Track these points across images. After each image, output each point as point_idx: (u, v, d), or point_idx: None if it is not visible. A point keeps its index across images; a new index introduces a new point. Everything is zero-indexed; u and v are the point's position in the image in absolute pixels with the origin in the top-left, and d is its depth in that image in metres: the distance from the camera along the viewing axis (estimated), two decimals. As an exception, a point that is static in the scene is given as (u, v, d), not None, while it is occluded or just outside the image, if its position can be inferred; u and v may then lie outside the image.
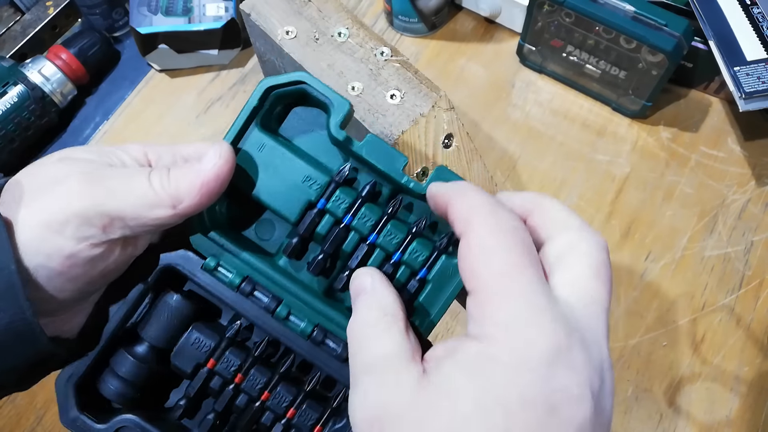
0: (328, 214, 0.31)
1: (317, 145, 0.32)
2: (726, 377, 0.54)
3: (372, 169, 0.31)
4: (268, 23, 0.45)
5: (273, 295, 0.31)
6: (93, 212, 0.26)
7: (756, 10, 0.59)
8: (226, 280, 0.31)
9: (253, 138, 0.31)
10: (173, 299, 0.31)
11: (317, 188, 0.31)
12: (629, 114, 0.65)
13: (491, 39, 0.71)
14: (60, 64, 0.66)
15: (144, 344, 0.31)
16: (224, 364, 0.31)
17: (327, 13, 0.45)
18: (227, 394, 0.31)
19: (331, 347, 0.31)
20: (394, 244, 0.30)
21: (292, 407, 0.31)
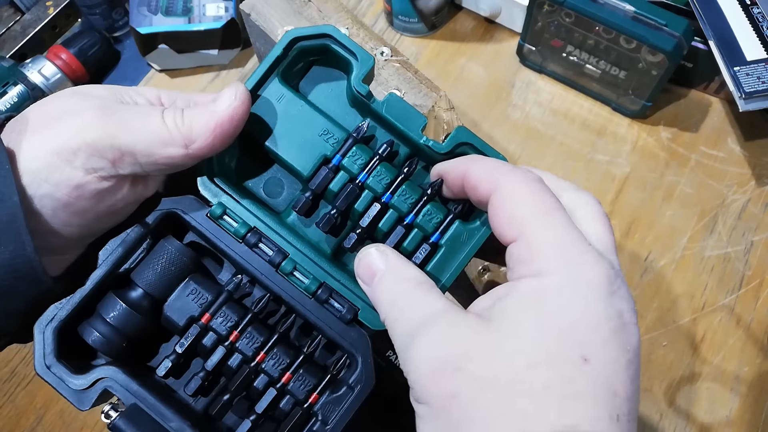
0: (343, 171, 0.30)
1: (335, 105, 0.32)
2: (726, 377, 0.54)
3: (390, 129, 0.30)
4: (268, 23, 0.45)
5: (279, 249, 0.30)
6: (104, 144, 0.25)
7: (756, 10, 0.59)
8: (231, 230, 0.30)
9: (272, 88, 0.30)
10: (173, 245, 0.29)
11: (334, 143, 0.30)
12: (629, 114, 0.65)
13: (491, 39, 0.71)
14: (60, 64, 0.66)
15: (137, 290, 0.29)
16: (220, 319, 0.29)
17: (327, 13, 0.45)
18: (220, 351, 0.29)
19: (336, 307, 0.30)
20: (408, 205, 0.30)
21: (288, 371, 0.29)
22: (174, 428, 0.28)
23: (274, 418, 0.30)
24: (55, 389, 0.28)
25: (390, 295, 0.25)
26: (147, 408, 0.28)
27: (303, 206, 0.30)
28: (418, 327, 0.23)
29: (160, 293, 0.29)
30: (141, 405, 0.28)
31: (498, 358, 0.21)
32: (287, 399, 0.29)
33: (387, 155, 0.30)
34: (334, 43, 0.30)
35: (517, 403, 0.20)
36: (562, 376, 0.20)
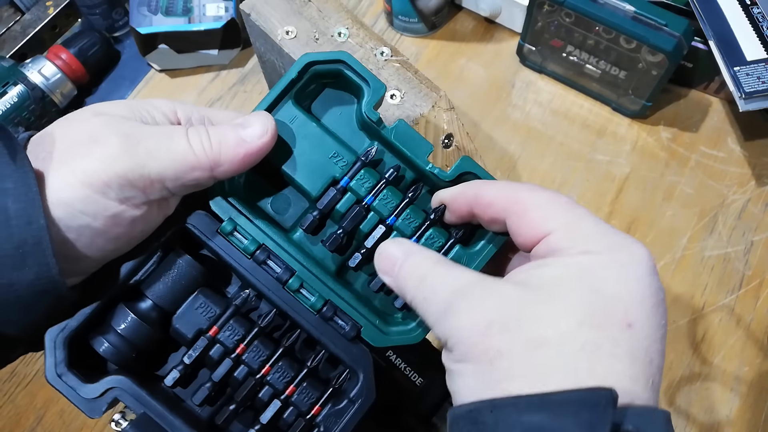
0: (350, 192, 0.31)
1: (345, 127, 0.33)
2: (726, 377, 0.54)
3: (397, 154, 0.32)
4: (268, 23, 0.45)
5: (286, 266, 0.31)
6: (135, 174, 0.26)
7: (756, 10, 0.59)
8: (241, 246, 0.30)
9: (285, 110, 0.31)
10: (183, 259, 0.30)
11: (343, 165, 0.31)
12: (629, 114, 0.65)
13: (491, 39, 0.71)
14: (60, 64, 0.66)
15: (147, 301, 0.30)
16: (227, 332, 0.30)
17: (327, 13, 0.45)
18: (227, 363, 0.30)
19: (340, 324, 0.31)
20: (411, 228, 0.31)
21: (292, 384, 0.30)
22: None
23: (278, 428, 0.31)
24: (66, 398, 0.28)
25: (417, 274, 0.26)
26: (156, 417, 0.28)
27: (310, 225, 0.31)
28: (453, 295, 0.24)
29: (169, 305, 0.30)
30: (150, 414, 0.28)
31: (546, 319, 0.22)
32: (291, 410, 0.30)
33: (393, 179, 0.31)
34: (348, 69, 0.31)
35: (568, 359, 0.22)
36: (609, 338, 0.22)
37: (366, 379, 0.31)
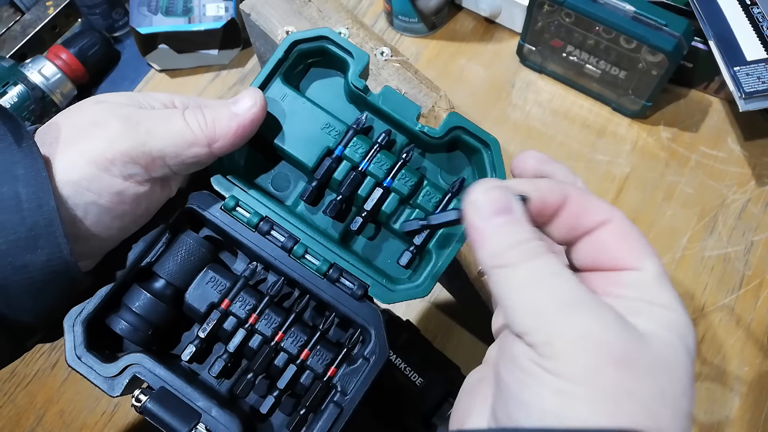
0: (345, 160, 0.32)
1: (335, 102, 0.34)
2: (726, 377, 0.54)
3: (387, 119, 0.33)
4: (268, 23, 0.45)
5: (290, 235, 0.32)
6: (137, 151, 0.28)
7: (756, 10, 0.59)
8: (245, 220, 0.31)
9: (275, 88, 0.33)
10: (191, 237, 0.31)
11: (336, 135, 0.32)
12: (629, 114, 0.65)
13: (491, 39, 0.71)
14: (60, 64, 0.66)
15: (160, 280, 0.31)
16: (239, 304, 0.31)
17: (327, 13, 0.45)
18: (241, 334, 0.31)
19: (347, 285, 0.32)
20: (408, 187, 0.32)
21: (306, 348, 0.31)
22: (201, 407, 0.29)
23: (296, 393, 0.31)
24: (86, 378, 0.29)
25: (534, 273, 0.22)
26: (174, 390, 0.29)
27: (310, 195, 0.32)
28: (569, 306, 0.21)
29: (181, 283, 0.31)
30: (168, 387, 0.29)
31: (652, 367, 0.21)
32: (307, 374, 0.31)
33: (386, 143, 0.32)
34: (331, 43, 0.32)
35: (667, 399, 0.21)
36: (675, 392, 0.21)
37: (378, 336, 0.31)
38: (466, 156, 0.34)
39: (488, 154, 0.32)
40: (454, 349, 0.56)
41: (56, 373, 0.56)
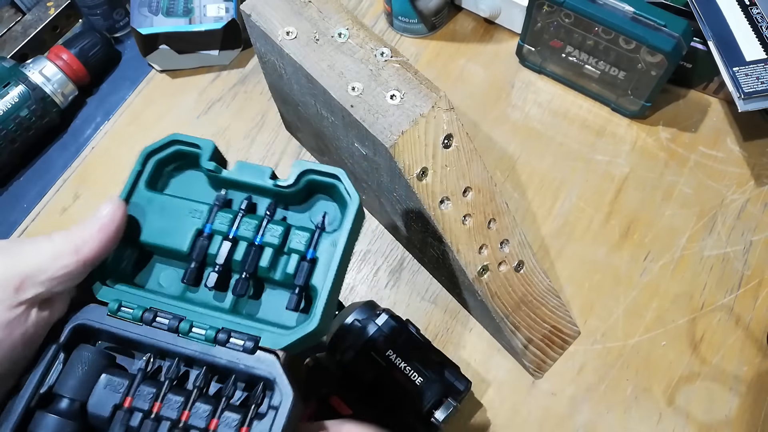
0: (216, 234, 0.35)
1: (197, 192, 0.37)
2: (725, 377, 0.54)
3: (245, 188, 0.36)
4: (268, 24, 0.46)
5: (174, 315, 0.33)
6: (4, 276, 0.28)
7: (755, 11, 0.60)
8: (129, 316, 0.32)
9: (139, 195, 0.36)
10: (86, 350, 0.32)
11: (202, 216, 0.35)
12: (628, 114, 0.65)
13: (491, 39, 0.71)
14: (61, 64, 0.66)
15: (63, 400, 0.31)
16: (140, 398, 0.31)
17: (327, 13, 0.45)
18: (148, 425, 0.30)
19: (238, 344, 0.32)
20: (278, 237, 0.34)
21: (213, 417, 0.31)
22: None
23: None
24: None
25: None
26: None
27: (189, 276, 0.34)
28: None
29: (85, 396, 0.31)
30: None
31: None
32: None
33: (247, 208, 0.35)
34: (180, 144, 0.36)
35: None
36: None
37: (279, 379, 0.31)
38: (325, 194, 0.37)
39: (340, 183, 0.34)
40: (454, 349, 0.56)
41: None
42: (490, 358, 0.56)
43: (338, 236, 0.34)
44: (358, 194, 0.34)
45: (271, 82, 0.57)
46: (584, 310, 0.57)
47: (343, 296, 0.59)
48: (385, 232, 0.62)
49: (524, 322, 0.52)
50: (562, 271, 0.59)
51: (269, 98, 0.69)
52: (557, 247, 0.60)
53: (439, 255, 0.49)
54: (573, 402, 0.54)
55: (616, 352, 0.56)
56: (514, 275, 0.50)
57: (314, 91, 0.45)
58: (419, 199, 0.43)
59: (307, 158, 0.66)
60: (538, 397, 0.54)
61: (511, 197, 0.62)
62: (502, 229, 0.48)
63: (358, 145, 0.46)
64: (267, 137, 0.67)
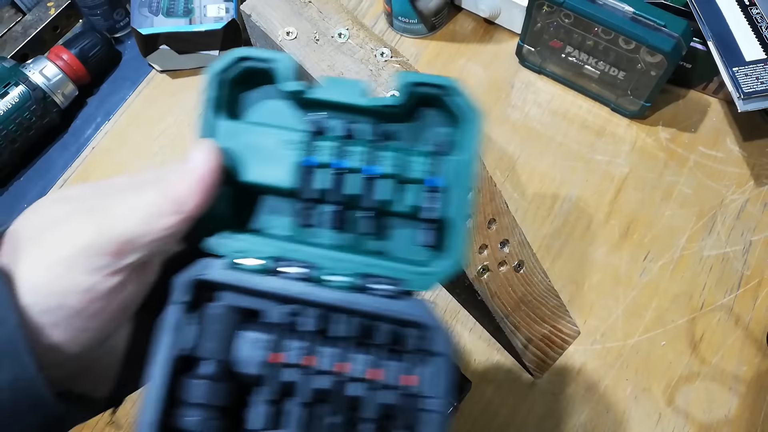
0: (320, 167, 0.30)
1: (281, 116, 0.31)
2: (725, 377, 0.54)
3: (337, 108, 0.30)
4: (268, 24, 0.46)
5: (303, 263, 0.29)
6: (100, 241, 0.25)
7: (755, 11, 0.60)
8: (253, 268, 0.29)
9: (223, 128, 0.30)
10: (215, 308, 0.29)
11: (296, 146, 0.30)
12: (628, 114, 0.65)
13: (491, 40, 0.71)
14: (61, 64, 0.66)
15: (205, 362, 0.28)
16: (289, 352, 0.29)
17: (327, 14, 0.46)
18: (306, 381, 0.28)
19: (380, 288, 0.29)
20: (394, 164, 0.29)
21: (377, 367, 0.28)
22: None
23: (389, 416, 0.29)
24: None
25: None
26: None
27: (303, 216, 0.30)
28: None
29: (225, 356, 0.29)
30: None
31: None
32: (388, 393, 0.28)
33: (349, 133, 0.30)
34: (251, 60, 0.30)
35: None
36: None
37: (434, 324, 0.29)
38: (432, 109, 0.31)
39: (456, 96, 0.29)
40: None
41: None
42: (490, 358, 0.56)
43: (464, 157, 0.29)
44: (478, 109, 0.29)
45: (271, 83, 0.57)
46: (584, 310, 0.57)
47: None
48: (385, 232, 0.62)
49: (524, 322, 0.52)
50: (562, 271, 0.59)
51: (269, 98, 0.69)
52: (557, 247, 0.60)
53: (439, 255, 0.50)
54: (573, 402, 0.54)
55: (615, 352, 0.56)
56: (513, 275, 0.50)
57: (314, 91, 0.46)
58: (419, 199, 0.43)
59: (307, 158, 0.66)
60: (537, 397, 0.54)
61: (511, 197, 0.62)
62: (502, 229, 0.48)
63: (358, 145, 0.46)
64: (267, 137, 0.67)
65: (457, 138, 0.30)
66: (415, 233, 0.31)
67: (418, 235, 0.30)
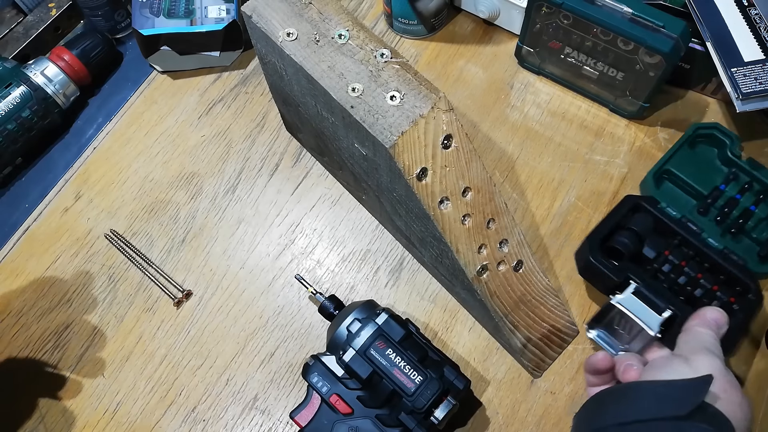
0: (726, 193, 0.58)
1: (711, 161, 0.62)
2: (723, 376, 0.55)
3: (749, 174, 0.59)
4: (269, 25, 0.46)
5: (696, 226, 0.55)
6: None
7: (753, 12, 0.60)
8: (671, 214, 0.55)
9: (683, 150, 0.61)
10: (643, 214, 0.56)
11: (719, 179, 0.59)
12: (627, 115, 0.66)
13: (490, 41, 0.72)
14: (62, 65, 0.66)
15: (630, 232, 0.55)
16: (672, 257, 0.54)
17: (327, 15, 0.46)
18: (678, 270, 0.53)
19: (732, 258, 0.53)
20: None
21: (715, 285, 0.53)
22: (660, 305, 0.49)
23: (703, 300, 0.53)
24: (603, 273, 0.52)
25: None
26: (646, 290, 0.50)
27: (704, 208, 0.57)
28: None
29: (643, 233, 0.55)
30: (642, 289, 0.50)
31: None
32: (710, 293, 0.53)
33: (750, 187, 0.58)
34: (719, 131, 0.61)
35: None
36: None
37: (755, 285, 0.51)
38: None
39: None
40: (454, 347, 0.57)
41: (59, 371, 0.57)
42: (489, 357, 0.56)
43: None
44: None
45: (271, 83, 0.57)
46: (583, 310, 0.58)
47: (344, 295, 0.59)
48: (385, 231, 0.62)
49: (523, 322, 0.52)
50: (561, 270, 0.59)
51: (270, 99, 0.69)
52: (556, 247, 0.60)
53: (439, 254, 0.50)
54: (572, 401, 0.54)
55: (614, 351, 0.56)
56: (512, 275, 0.50)
57: (315, 92, 0.46)
58: (419, 199, 0.43)
59: (307, 159, 0.66)
60: (536, 396, 0.54)
61: (510, 197, 0.63)
62: (501, 229, 0.48)
63: (358, 146, 0.46)
64: (267, 138, 0.68)
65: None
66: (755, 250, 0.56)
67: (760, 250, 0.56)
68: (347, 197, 0.64)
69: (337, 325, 0.50)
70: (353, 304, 0.53)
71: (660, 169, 0.60)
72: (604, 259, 0.52)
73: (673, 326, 0.48)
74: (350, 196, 0.64)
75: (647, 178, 0.60)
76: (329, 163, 0.62)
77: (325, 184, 0.65)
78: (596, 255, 0.52)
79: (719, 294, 0.52)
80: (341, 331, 0.49)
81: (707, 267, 0.53)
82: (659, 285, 0.51)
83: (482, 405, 0.54)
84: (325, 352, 0.50)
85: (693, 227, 0.55)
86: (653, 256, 0.54)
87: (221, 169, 0.66)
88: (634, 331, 0.48)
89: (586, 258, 0.53)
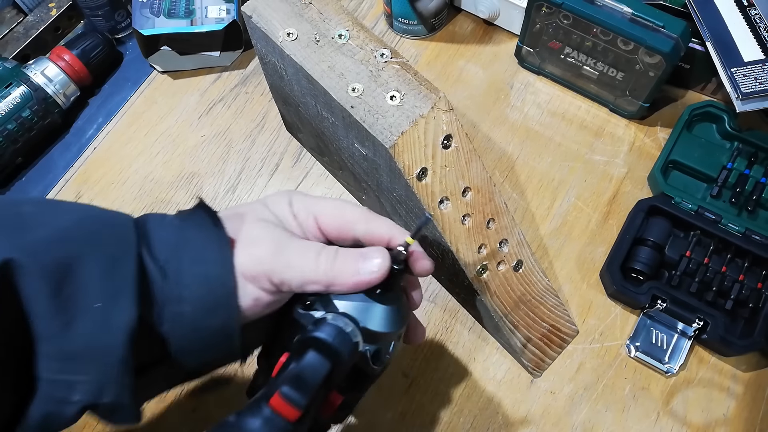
0: (734, 170, 0.59)
1: (713, 139, 0.62)
2: (723, 376, 0.55)
3: (753, 145, 0.60)
4: (269, 25, 0.46)
5: (714, 213, 0.56)
6: (273, 275, 0.34)
7: (753, 12, 0.60)
8: (686, 208, 0.57)
9: (683, 134, 0.63)
10: (660, 222, 0.57)
11: (725, 157, 0.60)
12: (626, 115, 0.66)
13: (490, 41, 0.72)
14: (63, 65, 0.66)
15: (649, 245, 0.57)
16: (695, 254, 0.55)
17: (328, 15, 0.46)
18: (701, 271, 0.55)
19: (758, 240, 0.55)
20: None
21: (760, 281, 0.54)
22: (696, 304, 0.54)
23: (740, 301, 0.54)
24: (627, 294, 0.55)
25: None
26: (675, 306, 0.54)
27: (717, 192, 0.58)
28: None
29: (665, 244, 0.57)
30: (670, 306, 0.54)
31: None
32: (746, 290, 0.54)
33: (757, 159, 0.59)
34: (714, 107, 0.61)
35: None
36: None
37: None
38: None
39: None
40: (453, 346, 0.57)
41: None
42: (489, 357, 0.56)
43: None
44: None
45: (271, 83, 0.57)
46: (583, 310, 0.58)
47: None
48: (385, 232, 0.62)
49: (523, 321, 0.52)
50: (561, 270, 0.59)
51: (270, 99, 0.69)
52: (556, 247, 0.60)
53: (439, 254, 0.50)
54: (571, 401, 0.54)
55: (614, 351, 0.56)
56: (512, 275, 0.50)
57: (315, 92, 0.46)
58: (419, 199, 0.43)
59: (307, 159, 0.66)
60: (536, 396, 0.54)
61: (510, 197, 0.63)
62: (501, 228, 0.48)
63: (358, 146, 0.46)
64: (268, 138, 0.68)
65: None
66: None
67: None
68: (347, 197, 0.64)
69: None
70: None
71: (665, 161, 0.60)
72: (629, 285, 0.55)
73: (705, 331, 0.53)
74: (350, 197, 0.64)
75: (654, 174, 0.60)
76: (329, 163, 0.62)
77: (325, 184, 0.65)
78: (619, 282, 0.55)
79: (746, 282, 0.54)
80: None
81: (730, 257, 0.55)
82: (685, 293, 0.55)
83: (482, 405, 0.54)
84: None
85: (710, 216, 0.56)
86: (676, 259, 0.56)
87: (221, 169, 0.66)
88: (669, 342, 0.54)
89: (610, 286, 0.56)
